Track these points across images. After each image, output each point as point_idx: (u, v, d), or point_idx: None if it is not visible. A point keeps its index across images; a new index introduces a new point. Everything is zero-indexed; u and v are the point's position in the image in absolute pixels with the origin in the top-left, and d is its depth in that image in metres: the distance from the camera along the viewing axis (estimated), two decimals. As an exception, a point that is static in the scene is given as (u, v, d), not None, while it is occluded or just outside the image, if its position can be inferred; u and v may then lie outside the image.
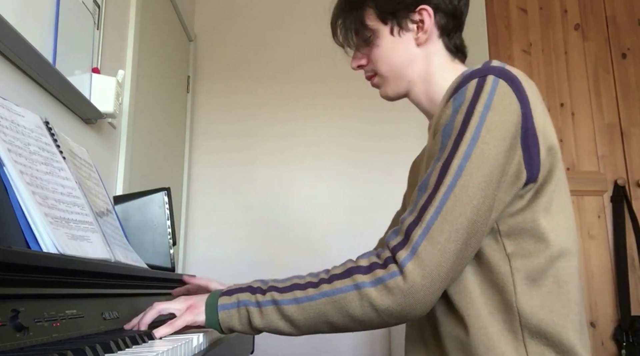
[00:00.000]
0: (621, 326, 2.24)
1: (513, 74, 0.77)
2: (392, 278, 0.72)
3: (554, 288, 0.76)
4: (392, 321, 0.74)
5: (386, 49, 0.93)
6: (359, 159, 2.56)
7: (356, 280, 0.74)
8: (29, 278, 0.61)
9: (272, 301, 0.78)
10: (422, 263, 0.70)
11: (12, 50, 1.02)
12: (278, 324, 0.78)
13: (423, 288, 0.70)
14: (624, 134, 2.48)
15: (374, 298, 0.72)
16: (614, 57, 2.56)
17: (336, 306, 0.74)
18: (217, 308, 0.80)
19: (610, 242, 2.36)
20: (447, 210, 0.71)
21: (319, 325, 0.77)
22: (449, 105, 0.77)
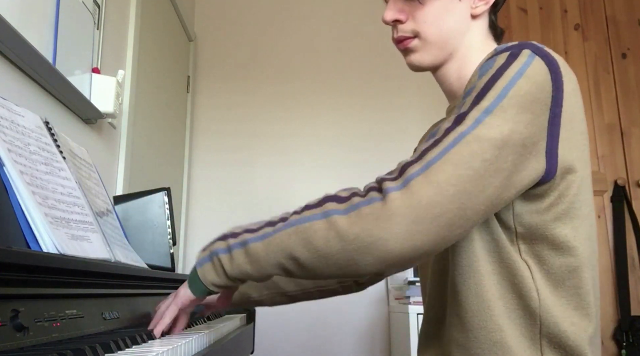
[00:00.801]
0: (621, 326, 2.24)
1: (552, 56, 0.69)
2: (368, 204, 0.62)
3: (575, 300, 0.71)
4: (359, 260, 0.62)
5: (442, 8, 0.80)
6: (359, 159, 2.56)
7: (327, 207, 0.65)
8: (29, 278, 0.61)
9: (242, 242, 0.71)
10: (411, 195, 0.60)
11: (12, 50, 1.02)
12: (246, 267, 0.70)
13: (404, 221, 0.59)
14: (624, 134, 2.48)
15: (340, 225, 0.62)
16: (614, 57, 2.56)
17: (300, 237, 0.65)
18: (195, 267, 0.77)
19: (610, 242, 2.36)
20: (453, 153, 0.62)
21: (284, 262, 0.67)
22: (474, 73, 0.71)
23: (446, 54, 0.83)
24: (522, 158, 0.65)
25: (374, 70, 2.62)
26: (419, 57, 0.84)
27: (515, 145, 0.64)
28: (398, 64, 2.73)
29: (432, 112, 2.51)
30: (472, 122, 0.64)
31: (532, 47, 0.69)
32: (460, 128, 0.64)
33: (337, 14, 2.70)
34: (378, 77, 2.62)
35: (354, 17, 2.68)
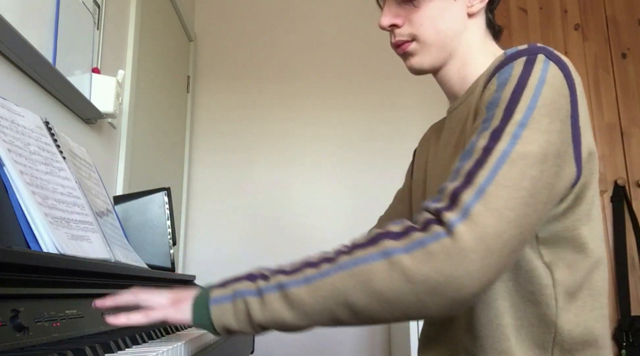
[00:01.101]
0: (621, 326, 2.24)
1: (563, 59, 0.69)
2: (435, 241, 0.57)
3: (589, 302, 0.70)
4: (429, 302, 0.56)
5: (438, 10, 0.80)
6: (359, 159, 2.56)
7: (385, 246, 0.59)
8: (29, 278, 0.61)
9: (278, 286, 0.62)
10: (476, 227, 0.56)
11: (12, 50, 1.02)
12: (283, 315, 0.61)
13: (476, 257, 0.55)
14: (624, 134, 2.48)
15: (407, 265, 0.56)
16: (614, 57, 2.56)
17: (358, 280, 0.58)
18: (208, 302, 0.65)
19: (610, 242, 2.36)
20: (503, 175, 0.59)
21: (335, 310, 0.60)
22: (493, 82, 0.69)
23: (446, 54, 0.82)
24: (559, 168, 0.64)
25: (374, 70, 2.62)
26: (419, 59, 0.84)
27: (553, 156, 0.63)
28: (398, 64, 2.73)
29: (432, 112, 2.51)
30: (511, 138, 0.62)
31: (545, 51, 0.68)
32: (500, 145, 0.62)
33: (337, 13, 2.71)
34: (378, 77, 2.62)
35: (354, 17, 2.68)
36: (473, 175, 0.60)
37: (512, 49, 0.71)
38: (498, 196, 0.58)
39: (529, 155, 0.61)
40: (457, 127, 0.82)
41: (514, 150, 0.61)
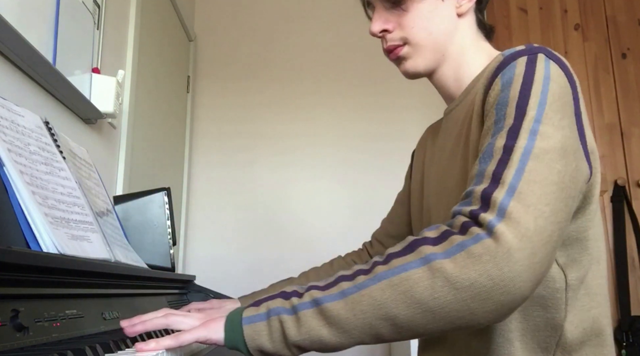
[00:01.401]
0: (621, 326, 2.24)
1: (562, 59, 0.69)
2: (477, 242, 0.53)
3: (586, 302, 0.70)
4: (477, 308, 0.53)
5: (428, 12, 0.80)
6: (360, 160, 2.55)
7: (423, 252, 0.56)
8: (29, 278, 0.61)
9: (312, 301, 0.59)
10: (517, 225, 0.53)
11: (12, 50, 1.02)
12: (320, 332, 0.58)
13: (523, 257, 0.52)
14: (624, 134, 2.48)
15: (450, 271, 0.53)
16: (614, 57, 2.56)
17: (398, 291, 0.55)
18: (240, 321, 0.62)
19: (610, 242, 2.36)
20: (531, 171, 0.57)
21: (376, 324, 0.56)
22: (496, 82, 0.67)
23: (439, 56, 0.82)
24: (578, 163, 0.64)
25: (374, 71, 2.62)
26: (413, 63, 0.83)
27: (571, 151, 0.63)
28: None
29: (432, 112, 2.50)
30: (529, 135, 0.60)
31: (544, 50, 0.68)
32: (520, 142, 0.60)
33: (337, 14, 2.70)
34: (378, 78, 2.62)
35: (354, 18, 2.68)
36: (500, 174, 0.58)
37: (510, 50, 0.71)
38: (531, 192, 0.56)
39: (551, 149, 0.60)
40: (454, 128, 0.82)
41: (536, 146, 0.59)
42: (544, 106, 0.62)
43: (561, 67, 0.67)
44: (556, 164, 0.59)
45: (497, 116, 0.65)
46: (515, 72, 0.66)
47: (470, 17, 0.83)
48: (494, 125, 0.65)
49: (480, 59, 0.81)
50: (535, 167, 0.58)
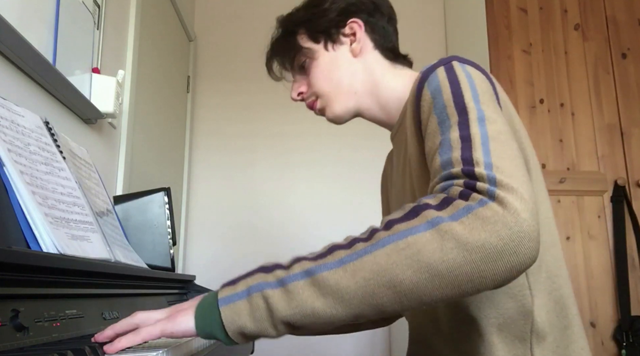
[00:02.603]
0: (621, 326, 2.24)
1: (474, 62, 0.75)
2: (483, 206, 0.53)
3: (548, 285, 0.73)
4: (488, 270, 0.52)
5: (324, 64, 0.92)
6: (360, 160, 2.56)
7: (429, 216, 0.54)
8: (29, 278, 0.61)
9: (304, 272, 0.56)
10: (513, 190, 0.54)
11: (12, 50, 1.02)
12: (314, 304, 0.54)
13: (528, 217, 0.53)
14: (624, 134, 2.48)
15: (459, 232, 0.52)
16: (614, 57, 2.56)
17: (404, 255, 0.52)
18: (216, 303, 0.57)
19: (610, 242, 2.36)
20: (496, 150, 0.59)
21: (379, 292, 0.53)
22: (424, 93, 0.71)
23: (352, 96, 0.91)
24: None
25: (374, 70, 2.62)
26: (330, 110, 0.94)
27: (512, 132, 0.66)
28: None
29: (432, 112, 2.50)
30: (479, 122, 0.62)
31: (456, 58, 0.74)
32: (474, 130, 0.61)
33: (337, 14, 2.71)
34: (378, 77, 2.62)
35: (354, 17, 2.69)
36: (470, 157, 0.58)
37: (426, 66, 0.76)
38: (506, 166, 0.57)
39: (502, 130, 0.62)
40: (401, 150, 0.88)
41: (489, 129, 0.61)
42: (478, 98, 0.65)
43: (474, 66, 0.73)
44: (512, 142, 0.62)
45: (439, 118, 0.66)
46: (439, 80, 0.70)
47: (370, 54, 0.92)
48: (439, 126, 0.66)
49: (399, 82, 0.88)
50: (497, 146, 0.59)
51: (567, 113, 2.52)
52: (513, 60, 2.51)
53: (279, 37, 1.00)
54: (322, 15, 0.92)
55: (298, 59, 0.95)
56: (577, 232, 2.35)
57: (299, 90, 0.98)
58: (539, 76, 2.53)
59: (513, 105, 0.80)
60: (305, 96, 0.97)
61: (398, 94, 0.87)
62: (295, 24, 0.96)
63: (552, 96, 2.52)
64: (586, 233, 2.39)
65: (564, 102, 2.52)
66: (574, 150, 2.48)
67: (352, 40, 0.91)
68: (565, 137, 2.49)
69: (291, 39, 0.95)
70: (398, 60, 0.93)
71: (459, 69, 0.71)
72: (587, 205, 2.42)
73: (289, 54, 0.96)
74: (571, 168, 2.46)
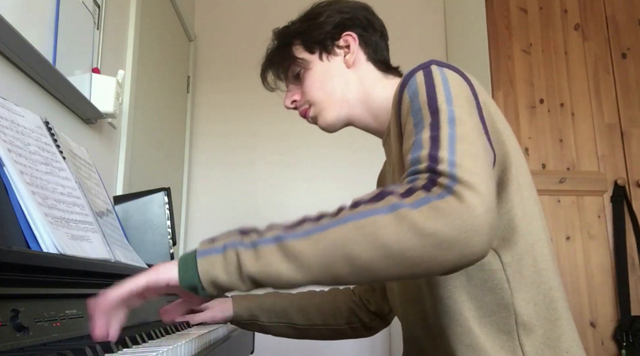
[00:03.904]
0: (621, 326, 2.24)
1: (452, 65, 0.77)
2: (441, 199, 0.57)
3: (535, 278, 0.75)
4: (438, 256, 0.56)
5: (318, 74, 0.95)
6: (360, 159, 2.55)
7: (392, 201, 0.58)
8: (29, 278, 0.61)
9: (274, 238, 0.62)
10: (471, 186, 0.58)
11: (12, 50, 1.02)
12: (279, 267, 0.60)
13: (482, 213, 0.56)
14: (624, 134, 2.48)
15: (417, 219, 0.56)
16: (614, 57, 2.56)
17: (363, 233, 0.57)
18: (195, 255, 0.63)
19: (610, 242, 2.36)
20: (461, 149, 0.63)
21: (336, 263, 0.58)
22: (404, 96, 0.74)
23: (343, 104, 0.96)
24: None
25: (374, 70, 2.62)
26: (322, 119, 0.99)
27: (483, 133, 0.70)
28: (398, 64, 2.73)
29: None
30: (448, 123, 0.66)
31: (434, 62, 0.76)
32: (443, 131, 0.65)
33: (337, 14, 2.71)
34: (378, 77, 2.62)
35: (354, 17, 2.69)
36: (436, 155, 0.62)
37: (407, 71, 0.78)
38: (468, 163, 0.61)
39: (470, 131, 0.66)
40: (390, 153, 0.91)
41: (457, 130, 0.65)
42: (450, 100, 0.69)
43: (453, 69, 0.75)
44: (479, 141, 0.66)
45: (415, 120, 0.71)
46: (417, 82, 0.73)
47: (362, 65, 0.95)
48: (414, 128, 0.70)
49: (390, 92, 0.89)
50: (463, 146, 0.63)
51: (567, 113, 2.52)
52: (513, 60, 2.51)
53: (275, 48, 1.04)
54: (318, 27, 0.97)
55: (293, 68, 0.99)
56: (577, 232, 2.35)
57: (292, 98, 1.01)
58: (539, 76, 2.53)
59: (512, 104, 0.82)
60: (299, 104, 1.00)
61: (389, 103, 0.88)
62: (291, 36, 1.00)
63: (552, 96, 2.52)
64: (586, 233, 2.39)
65: (564, 102, 2.52)
66: (574, 150, 2.48)
67: (346, 52, 0.95)
68: (565, 137, 2.49)
69: (287, 50, 1.00)
70: (390, 71, 0.97)
71: (436, 73, 0.74)
72: (587, 205, 2.42)
73: (284, 64, 1.00)
74: (571, 168, 2.46)
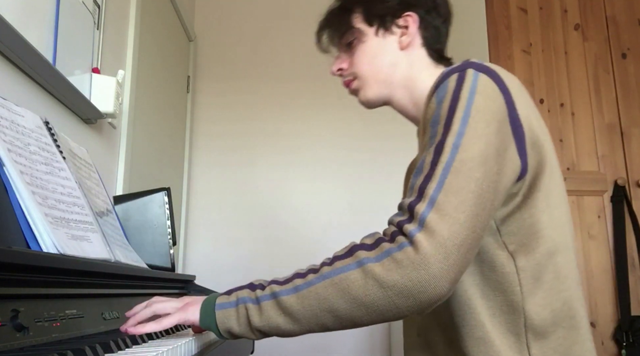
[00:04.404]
0: (621, 326, 2.24)
1: (492, 68, 0.77)
2: (400, 250, 0.64)
3: (555, 286, 0.75)
4: (402, 304, 0.64)
5: (370, 48, 0.94)
6: (360, 159, 2.56)
7: (359, 256, 0.67)
8: (29, 278, 0.61)
9: (271, 294, 0.71)
10: (432, 234, 0.63)
11: (12, 50, 1.02)
12: (277, 320, 0.70)
13: (437, 261, 0.62)
14: (624, 134, 2.48)
15: (378, 273, 0.64)
16: (614, 57, 2.56)
17: (338, 289, 0.66)
18: (214, 307, 0.73)
19: (610, 242, 2.36)
20: (450, 183, 0.66)
21: (321, 316, 0.68)
22: (432, 100, 0.76)
23: (387, 85, 0.94)
24: (502, 165, 0.71)
25: (374, 70, 2.62)
26: (363, 93, 0.97)
27: (494, 156, 0.69)
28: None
29: (432, 112, 2.50)
30: (452, 149, 0.68)
31: (473, 65, 0.76)
32: (443, 157, 0.68)
33: (337, 14, 2.70)
34: (378, 77, 2.62)
35: (354, 17, 2.69)
36: (424, 188, 0.68)
37: (448, 68, 0.79)
38: (448, 203, 0.65)
39: (470, 159, 0.68)
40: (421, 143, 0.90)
41: (456, 159, 0.68)
42: (467, 119, 0.70)
43: (491, 76, 0.75)
44: (475, 173, 0.67)
45: (431, 132, 0.74)
46: (447, 90, 0.74)
47: (416, 50, 0.94)
48: (428, 141, 0.73)
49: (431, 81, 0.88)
50: (454, 179, 0.67)
51: (567, 113, 2.52)
52: (513, 60, 2.51)
53: (335, 9, 1.00)
54: (382, 0, 0.94)
55: (347, 37, 0.97)
56: (577, 231, 2.35)
57: (340, 66, 0.99)
58: (539, 76, 2.53)
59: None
60: (344, 73, 0.98)
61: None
62: (354, 3, 0.97)
63: (552, 96, 2.52)
64: (586, 233, 2.39)
65: (564, 102, 2.52)
66: (574, 150, 2.48)
67: (403, 32, 0.93)
68: (565, 137, 2.49)
69: (346, 16, 0.97)
70: (441, 61, 0.95)
71: (467, 81, 0.73)
72: (587, 205, 2.41)
73: (340, 30, 0.98)
74: (571, 168, 2.46)
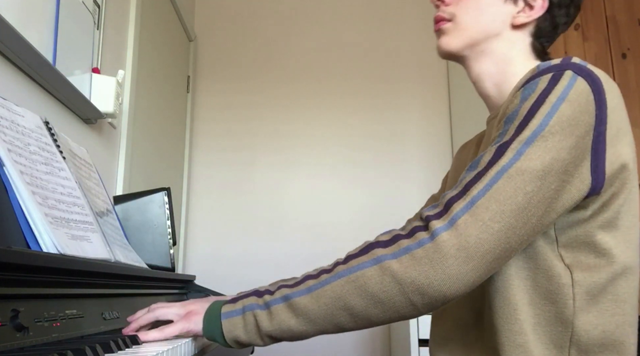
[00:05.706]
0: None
1: (595, 74, 0.70)
2: (420, 247, 0.64)
3: (611, 308, 0.71)
4: (418, 301, 0.64)
5: (483, 3, 0.84)
6: (360, 159, 2.55)
7: (376, 254, 0.66)
8: (29, 278, 0.61)
9: (283, 297, 0.70)
10: (459, 235, 0.62)
11: (12, 50, 1.02)
12: (290, 323, 0.69)
13: (456, 262, 0.62)
14: (624, 134, 2.48)
15: (396, 269, 0.64)
16: (614, 57, 2.56)
17: (354, 286, 0.66)
18: (219, 316, 0.72)
19: (610, 242, 2.36)
20: (497, 189, 0.64)
21: (337, 314, 0.67)
22: (517, 95, 0.71)
23: (474, 45, 0.85)
24: (565, 184, 0.66)
25: (374, 71, 2.62)
26: (448, 40, 0.87)
27: (558, 173, 0.65)
28: (398, 64, 2.73)
29: (431, 112, 2.51)
30: (513, 154, 0.65)
31: (575, 67, 0.69)
32: (501, 161, 0.65)
33: (338, 14, 2.70)
34: (378, 78, 2.62)
35: (355, 18, 2.68)
36: (470, 186, 0.66)
37: (546, 63, 0.72)
38: (487, 209, 0.63)
39: (528, 171, 0.64)
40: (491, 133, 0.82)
41: (514, 166, 0.65)
42: (542, 127, 0.66)
43: (590, 83, 0.68)
44: (527, 186, 0.64)
45: (502, 129, 0.70)
46: (535, 89, 0.69)
47: (524, 34, 0.85)
48: (497, 137, 0.70)
49: (522, 72, 0.81)
50: (503, 186, 0.64)
51: (567, 113, 2.51)
52: (513, 60, 2.51)
53: None
54: None
55: None
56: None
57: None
58: (539, 76, 2.52)
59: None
60: (444, 7, 0.88)
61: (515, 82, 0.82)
62: None
63: (552, 96, 2.51)
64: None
65: (564, 102, 2.52)
66: (574, 150, 2.47)
67: (524, 9, 0.83)
68: (565, 137, 2.48)
69: None
70: (539, 56, 0.87)
71: (562, 83, 0.68)
72: (587, 205, 2.41)
73: None
74: (571, 168, 2.45)
